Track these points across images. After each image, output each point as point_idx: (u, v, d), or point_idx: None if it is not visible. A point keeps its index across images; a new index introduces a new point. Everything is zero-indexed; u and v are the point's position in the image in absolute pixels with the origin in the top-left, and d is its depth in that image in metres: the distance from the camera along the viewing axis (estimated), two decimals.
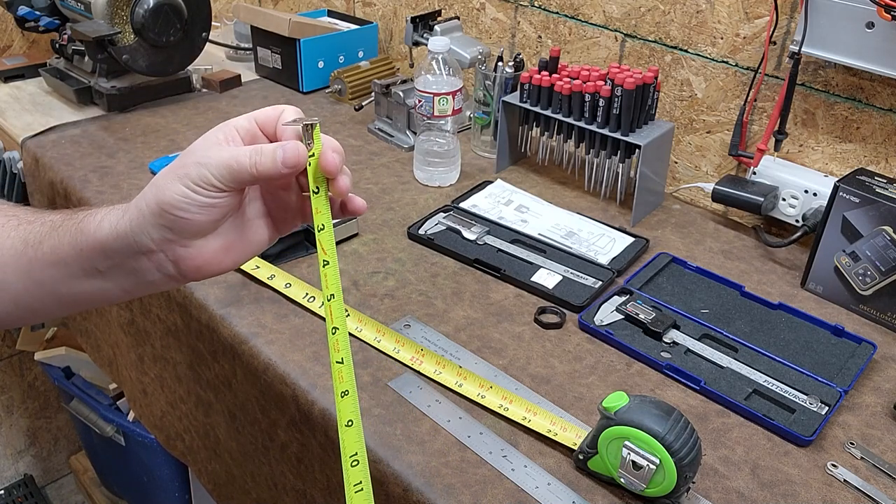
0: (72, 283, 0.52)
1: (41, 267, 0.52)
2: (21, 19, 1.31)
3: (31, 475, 1.93)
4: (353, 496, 0.50)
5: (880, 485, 0.64)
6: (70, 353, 1.54)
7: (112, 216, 0.50)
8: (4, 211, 0.54)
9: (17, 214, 0.54)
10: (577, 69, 1.00)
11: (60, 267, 0.51)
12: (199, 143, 0.49)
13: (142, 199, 0.49)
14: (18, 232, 0.53)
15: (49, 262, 0.51)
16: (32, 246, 0.52)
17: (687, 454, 0.57)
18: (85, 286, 0.52)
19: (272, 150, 0.48)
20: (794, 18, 0.92)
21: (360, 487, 0.51)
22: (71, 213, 0.53)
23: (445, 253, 0.93)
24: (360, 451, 0.51)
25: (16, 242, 0.52)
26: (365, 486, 0.51)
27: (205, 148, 0.49)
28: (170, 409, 1.01)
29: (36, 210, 0.55)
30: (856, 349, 0.78)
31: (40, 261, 0.51)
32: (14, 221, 0.53)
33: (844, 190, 0.82)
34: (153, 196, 0.48)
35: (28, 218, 0.54)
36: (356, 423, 0.52)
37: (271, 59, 1.40)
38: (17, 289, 0.52)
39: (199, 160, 0.48)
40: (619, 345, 0.78)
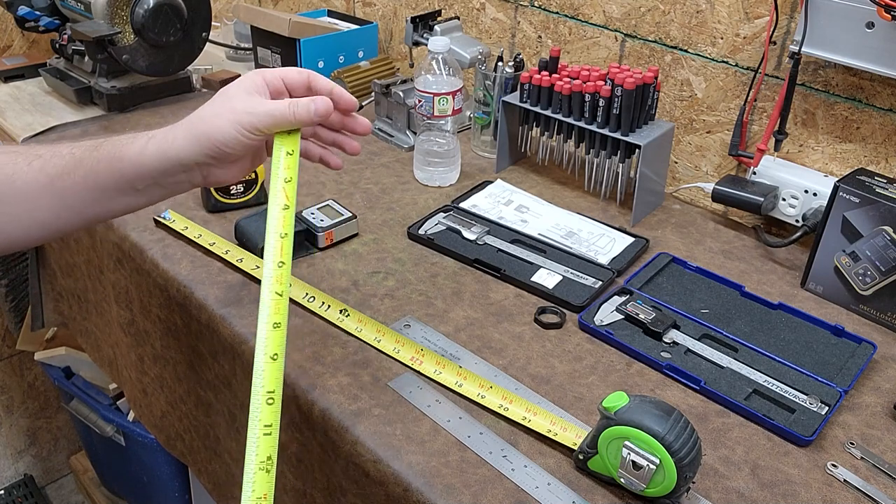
0: (105, 202, 0.62)
1: (74, 193, 0.60)
2: (21, 19, 1.31)
3: (31, 475, 1.93)
4: (262, 438, 0.53)
5: (880, 485, 0.64)
6: (70, 353, 1.54)
7: (156, 143, 0.60)
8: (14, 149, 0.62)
9: (41, 154, 0.61)
10: (577, 69, 1.00)
11: (96, 191, 0.60)
12: (238, 90, 0.61)
13: (191, 131, 0.60)
14: (42, 167, 0.60)
15: (84, 188, 0.60)
16: (60, 177, 0.60)
17: (687, 454, 0.57)
18: (117, 203, 0.62)
19: (306, 104, 0.61)
20: (794, 18, 0.92)
21: (268, 431, 0.54)
22: (93, 144, 0.61)
23: (445, 253, 0.93)
24: (278, 389, 0.55)
25: (40, 176, 0.60)
26: (273, 429, 0.54)
27: (246, 95, 0.60)
28: (170, 409, 1.01)
29: (50, 146, 0.62)
30: (856, 349, 0.78)
31: (73, 188, 0.60)
32: (38, 162, 0.60)
33: (844, 190, 0.82)
34: (205, 132, 0.60)
35: (38, 153, 0.61)
36: (280, 357, 0.56)
37: (271, 59, 1.40)
38: (46, 216, 0.61)
39: (248, 109, 0.59)
40: (619, 345, 0.78)
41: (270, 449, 0.54)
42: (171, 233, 0.94)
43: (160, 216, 0.95)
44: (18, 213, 0.60)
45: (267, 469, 0.54)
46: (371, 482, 0.66)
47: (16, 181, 0.60)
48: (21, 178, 0.60)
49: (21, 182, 0.60)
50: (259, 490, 0.53)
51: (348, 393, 0.71)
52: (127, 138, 0.61)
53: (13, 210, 0.60)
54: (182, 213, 0.96)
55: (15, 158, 0.60)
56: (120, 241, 0.96)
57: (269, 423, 0.55)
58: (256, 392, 0.56)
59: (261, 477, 0.53)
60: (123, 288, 0.99)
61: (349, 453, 0.67)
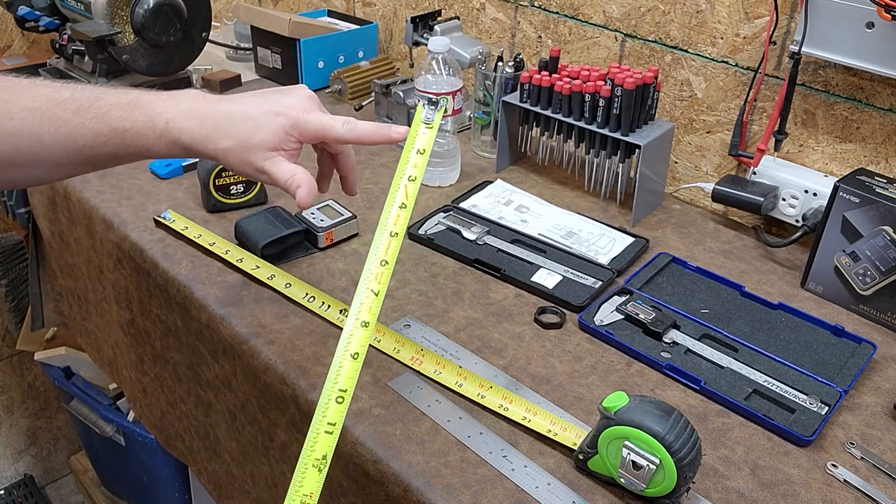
0: (129, 163, 0.68)
1: (100, 161, 0.65)
2: (21, 19, 1.31)
3: (31, 475, 1.93)
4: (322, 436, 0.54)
5: (880, 485, 0.64)
6: (70, 353, 1.54)
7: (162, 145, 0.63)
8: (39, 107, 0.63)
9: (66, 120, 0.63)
10: (577, 69, 1.00)
11: (123, 161, 0.66)
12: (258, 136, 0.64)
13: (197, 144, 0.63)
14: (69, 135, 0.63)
15: (111, 159, 0.65)
16: (88, 147, 0.63)
17: (687, 454, 0.57)
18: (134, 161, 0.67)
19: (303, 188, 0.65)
20: (794, 18, 0.92)
21: (331, 430, 0.54)
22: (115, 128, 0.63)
23: (445, 253, 0.93)
24: (350, 389, 0.56)
25: (67, 143, 0.63)
26: (336, 429, 0.54)
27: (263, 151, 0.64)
28: (170, 409, 1.01)
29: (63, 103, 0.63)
30: (856, 349, 0.78)
31: (99, 158, 0.64)
32: (65, 129, 0.63)
33: (844, 190, 0.82)
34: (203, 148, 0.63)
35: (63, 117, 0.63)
36: (361, 356, 0.57)
37: (271, 59, 1.40)
38: (70, 171, 0.66)
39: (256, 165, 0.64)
40: (619, 345, 0.78)
41: (328, 448, 0.53)
42: (171, 233, 0.94)
43: (160, 216, 0.95)
44: (49, 168, 0.65)
45: (320, 468, 0.53)
46: (371, 482, 0.66)
47: (45, 142, 0.63)
48: (50, 141, 0.63)
49: (50, 145, 0.63)
50: (307, 487, 0.52)
51: None
52: (152, 133, 0.63)
53: (46, 165, 0.64)
54: (182, 213, 0.96)
55: (40, 119, 0.62)
56: (120, 241, 0.96)
57: (334, 421, 0.54)
58: (329, 387, 0.55)
59: (312, 475, 0.52)
60: (123, 288, 0.99)
61: (349, 453, 0.67)
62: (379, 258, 0.60)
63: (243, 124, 0.64)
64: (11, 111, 0.62)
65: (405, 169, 0.65)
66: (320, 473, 0.52)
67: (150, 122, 0.63)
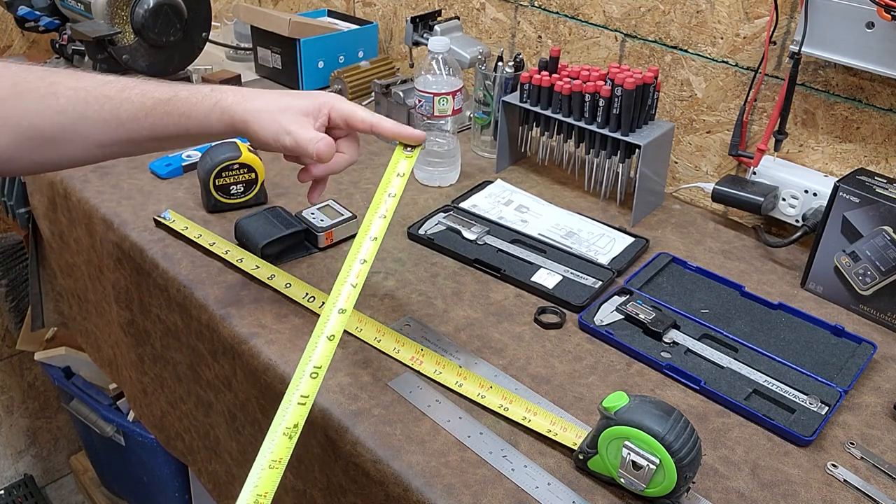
0: (167, 144, 0.71)
1: (141, 136, 0.67)
2: (21, 19, 1.31)
3: (31, 475, 1.93)
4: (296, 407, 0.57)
5: (880, 485, 0.64)
6: (70, 353, 1.54)
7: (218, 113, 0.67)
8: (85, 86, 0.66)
9: (111, 96, 0.66)
10: (577, 69, 1.00)
11: (161, 138, 0.68)
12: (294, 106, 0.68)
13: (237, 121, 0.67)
14: (113, 110, 0.66)
15: (150, 134, 0.67)
16: (129, 121, 0.66)
17: (687, 454, 0.57)
18: (176, 144, 0.72)
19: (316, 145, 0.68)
20: (794, 18, 0.92)
21: (304, 402, 0.58)
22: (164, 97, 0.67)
23: (445, 253, 0.93)
24: (325, 366, 0.60)
25: (110, 118, 0.66)
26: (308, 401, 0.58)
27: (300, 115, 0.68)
28: (170, 409, 1.01)
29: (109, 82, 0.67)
30: (856, 349, 0.78)
31: (140, 132, 0.67)
32: (109, 105, 0.66)
33: (844, 190, 0.82)
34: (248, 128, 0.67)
35: (108, 94, 0.66)
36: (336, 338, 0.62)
37: (271, 59, 1.40)
38: (113, 149, 0.69)
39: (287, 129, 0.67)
40: (619, 345, 0.78)
41: (300, 418, 0.57)
42: (171, 233, 0.94)
43: (160, 216, 0.95)
44: (89, 147, 0.67)
45: (290, 436, 0.56)
46: (371, 482, 0.66)
47: (89, 119, 0.66)
48: (94, 117, 0.66)
49: (93, 121, 0.66)
50: (277, 453, 0.55)
51: (348, 393, 0.71)
52: (195, 96, 0.67)
53: (86, 144, 0.67)
54: (182, 213, 0.96)
55: (85, 97, 0.65)
56: (120, 241, 0.96)
57: (307, 394, 0.58)
58: (304, 364, 0.60)
59: (282, 441, 0.55)
60: (123, 288, 0.99)
61: (349, 453, 0.67)
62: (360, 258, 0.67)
63: (282, 95, 0.69)
64: (58, 91, 0.65)
65: (387, 188, 0.71)
66: (290, 441, 0.56)
67: (194, 90, 0.67)
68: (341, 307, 0.64)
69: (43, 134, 0.65)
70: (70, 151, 0.68)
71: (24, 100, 0.65)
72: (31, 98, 0.65)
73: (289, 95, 0.70)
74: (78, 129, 0.66)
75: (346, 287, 0.65)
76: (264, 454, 0.54)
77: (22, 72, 0.66)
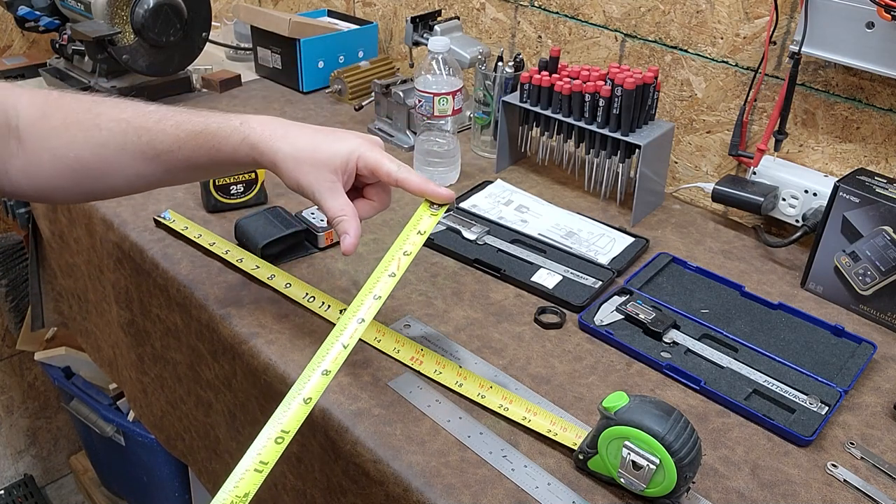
0: (200, 174, 0.74)
1: (176, 167, 0.68)
2: (21, 19, 1.31)
3: (31, 475, 1.93)
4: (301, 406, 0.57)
5: (880, 485, 0.64)
6: (70, 353, 1.54)
7: (244, 151, 0.66)
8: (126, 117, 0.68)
9: (148, 128, 0.67)
10: (577, 69, 1.00)
11: (194, 169, 0.69)
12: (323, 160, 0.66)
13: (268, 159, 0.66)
14: (150, 142, 0.67)
15: (185, 165, 0.68)
16: (165, 153, 0.67)
17: (687, 454, 0.57)
18: (210, 174, 0.75)
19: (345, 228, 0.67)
20: (794, 18, 0.92)
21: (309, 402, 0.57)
22: (195, 130, 0.67)
23: (445, 253, 0.93)
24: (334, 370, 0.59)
25: (147, 150, 0.67)
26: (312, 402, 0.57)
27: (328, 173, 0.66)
28: (170, 409, 1.01)
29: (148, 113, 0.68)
30: (856, 349, 0.78)
31: (175, 163, 0.68)
32: (146, 137, 0.67)
33: (844, 190, 0.82)
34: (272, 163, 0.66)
35: (147, 126, 0.68)
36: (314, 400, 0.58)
37: (271, 59, 1.40)
38: (150, 179, 0.70)
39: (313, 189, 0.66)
40: (619, 345, 0.78)
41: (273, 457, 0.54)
42: (171, 233, 0.94)
43: (160, 216, 0.95)
44: (129, 177, 0.69)
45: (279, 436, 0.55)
46: (371, 482, 0.66)
47: (126, 150, 0.67)
48: (132, 149, 0.67)
49: (131, 152, 0.67)
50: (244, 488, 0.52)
51: (348, 393, 0.71)
52: (225, 129, 0.67)
53: (125, 175, 0.69)
54: (182, 213, 0.96)
55: (125, 128, 0.67)
56: (120, 241, 0.96)
57: (288, 430, 0.56)
58: (314, 365, 0.58)
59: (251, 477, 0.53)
60: (123, 288, 0.99)
61: (349, 453, 0.67)
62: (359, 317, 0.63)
63: (311, 135, 0.67)
64: (101, 123, 0.67)
65: (403, 244, 0.68)
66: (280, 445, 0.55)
67: (225, 121, 0.67)
68: (326, 368, 0.59)
69: (87, 166, 0.67)
70: (112, 182, 0.69)
71: (72, 131, 0.67)
72: (79, 129, 0.67)
73: (318, 136, 0.67)
74: (120, 161, 0.68)
75: (338, 346, 0.60)
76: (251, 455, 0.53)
77: (73, 102, 0.68)
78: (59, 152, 0.66)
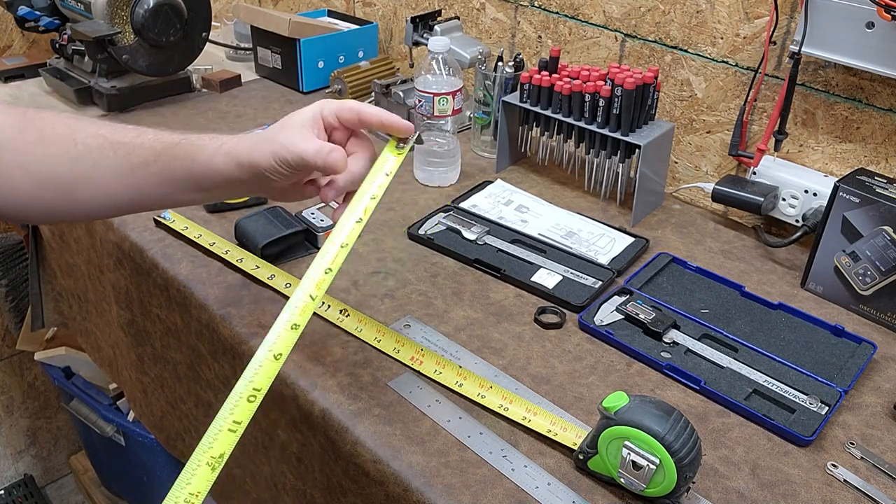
0: (174, 194, 0.68)
1: (150, 183, 0.66)
2: (21, 19, 1.31)
3: (31, 475, 1.93)
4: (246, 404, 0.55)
5: (880, 485, 0.64)
6: (70, 353, 1.54)
7: (224, 152, 0.65)
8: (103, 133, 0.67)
9: (125, 142, 0.66)
10: (577, 69, 1.00)
11: (168, 183, 0.66)
12: (294, 121, 0.65)
13: (239, 153, 0.64)
14: (127, 155, 0.66)
15: (159, 180, 0.66)
16: (140, 166, 0.65)
17: (687, 454, 0.57)
18: (184, 196, 0.68)
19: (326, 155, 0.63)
20: (794, 18, 0.92)
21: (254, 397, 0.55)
22: (173, 140, 0.66)
23: (445, 253, 0.93)
24: (285, 353, 0.58)
25: (123, 164, 0.66)
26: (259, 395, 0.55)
27: (298, 128, 0.64)
28: (170, 409, 1.01)
29: (127, 130, 0.67)
30: (856, 349, 0.78)
31: (149, 178, 0.66)
32: (122, 151, 0.66)
33: (844, 190, 0.82)
34: (249, 157, 0.64)
35: (123, 140, 0.66)
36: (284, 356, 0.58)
37: (271, 59, 1.40)
38: (121, 198, 0.67)
39: (287, 144, 0.63)
40: (619, 345, 0.78)
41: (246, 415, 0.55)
42: (171, 233, 0.94)
43: (160, 216, 0.95)
44: (99, 194, 0.67)
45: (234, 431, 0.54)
46: (371, 482, 0.66)
47: (101, 166, 0.66)
48: (106, 164, 0.66)
49: (105, 168, 0.66)
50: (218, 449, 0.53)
51: (348, 393, 0.71)
52: (203, 140, 0.66)
53: (96, 191, 0.67)
54: (182, 213, 0.96)
55: (102, 143, 0.66)
56: (120, 241, 0.96)
57: (259, 388, 0.56)
58: (263, 348, 0.57)
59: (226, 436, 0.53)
60: (123, 288, 0.99)
61: (349, 453, 0.67)
62: (324, 266, 0.62)
63: (281, 120, 0.66)
64: (78, 137, 0.66)
65: (369, 188, 0.67)
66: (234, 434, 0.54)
67: (203, 135, 0.67)
68: (294, 322, 0.59)
69: (59, 181, 0.65)
70: (82, 200, 0.67)
71: (48, 146, 0.65)
72: (54, 144, 0.65)
73: (287, 116, 0.67)
74: (92, 177, 0.66)
75: (304, 297, 0.60)
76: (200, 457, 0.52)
77: (50, 118, 0.67)
78: (32, 167, 0.65)
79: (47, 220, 0.69)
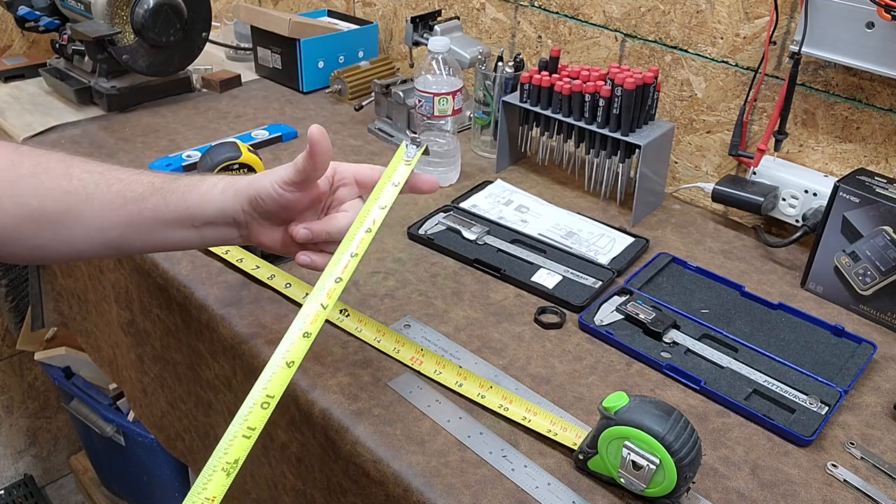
0: (166, 232, 0.67)
1: (142, 218, 0.65)
2: (21, 19, 1.31)
3: (31, 475, 1.93)
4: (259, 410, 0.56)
5: (880, 485, 0.64)
6: (70, 353, 1.54)
7: (215, 193, 0.65)
8: (100, 170, 0.66)
9: (122, 178, 0.66)
10: (577, 69, 1.00)
11: (160, 221, 0.66)
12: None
13: (244, 182, 0.65)
14: (121, 191, 0.65)
15: (152, 215, 0.65)
16: (134, 201, 0.65)
17: (687, 454, 0.57)
18: (176, 235, 0.67)
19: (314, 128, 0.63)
20: (794, 18, 0.92)
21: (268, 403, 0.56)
22: (167, 178, 0.67)
23: (445, 253, 0.93)
24: (297, 360, 0.58)
25: (116, 199, 0.65)
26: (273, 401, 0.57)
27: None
28: (170, 409, 1.01)
29: (126, 169, 0.67)
30: (856, 349, 0.78)
31: (142, 213, 0.65)
32: (118, 186, 0.65)
33: (844, 190, 0.82)
34: (248, 183, 0.65)
35: (120, 177, 0.66)
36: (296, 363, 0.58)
37: (271, 59, 1.40)
38: (112, 235, 0.66)
39: (281, 168, 0.65)
40: (619, 345, 0.78)
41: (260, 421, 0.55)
42: None
43: None
44: (90, 230, 0.65)
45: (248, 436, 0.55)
46: (371, 482, 0.66)
47: (95, 200, 0.65)
48: (100, 198, 0.65)
49: (99, 202, 0.65)
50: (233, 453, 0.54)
51: (348, 393, 0.71)
52: (205, 176, 0.67)
53: (87, 227, 0.65)
54: None
55: (98, 179, 0.65)
56: None
57: (273, 394, 0.57)
58: (277, 356, 0.57)
59: (241, 442, 0.54)
60: (123, 288, 0.99)
61: (349, 453, 0.67)
62: (335, 275, 0.62)
63: None
64: (73, 172, 0.65)
65: (378, 198, 0.67)
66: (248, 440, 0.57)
67: (196, 176, 0.67)
68: (307, 331, 0.59)
69: (47, 215, 0.64)
70: (68, 236, 0.66)
71: (41, 179, 0.65)
72: (47, 178, 0.65)
73: None
74: (81, 211, 0.65)
75: (315, 306, 0.60)
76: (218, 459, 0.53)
77: (45, 153, 0.66)
78: (22, 199, 0.64)
79: (33, 257, 0.68)
